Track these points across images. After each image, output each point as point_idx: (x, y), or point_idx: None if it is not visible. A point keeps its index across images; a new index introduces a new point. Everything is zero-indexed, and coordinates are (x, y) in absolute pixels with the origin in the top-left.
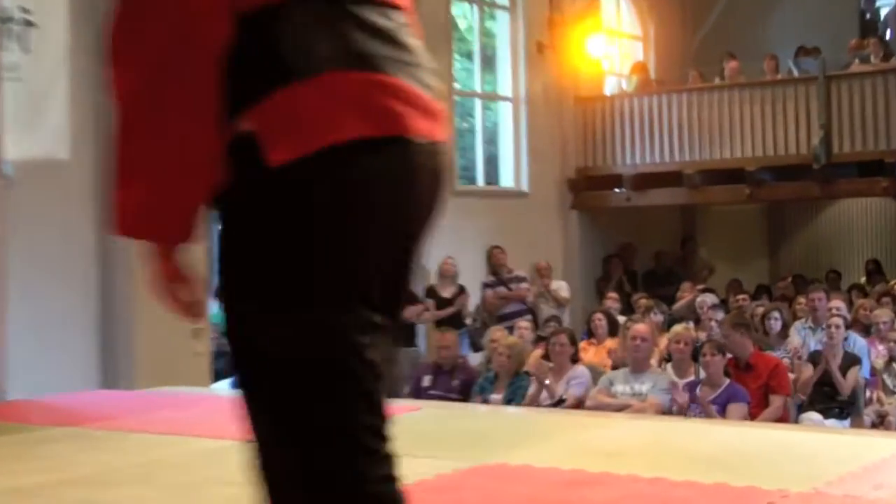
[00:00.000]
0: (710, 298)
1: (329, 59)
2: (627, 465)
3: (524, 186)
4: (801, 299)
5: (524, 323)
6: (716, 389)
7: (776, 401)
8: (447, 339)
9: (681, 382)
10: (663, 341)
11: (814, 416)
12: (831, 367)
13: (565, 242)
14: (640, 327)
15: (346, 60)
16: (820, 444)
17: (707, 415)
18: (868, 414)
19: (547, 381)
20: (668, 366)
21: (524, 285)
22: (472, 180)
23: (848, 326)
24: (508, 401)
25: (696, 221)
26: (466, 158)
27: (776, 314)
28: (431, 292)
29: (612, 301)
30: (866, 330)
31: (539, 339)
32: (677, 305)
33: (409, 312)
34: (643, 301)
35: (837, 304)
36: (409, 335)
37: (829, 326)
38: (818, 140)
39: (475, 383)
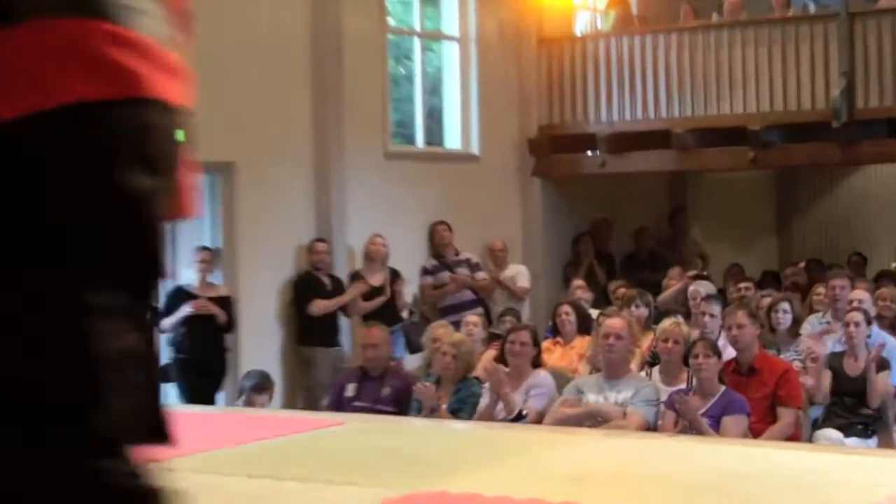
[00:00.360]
0: (704, 287)
1: (46, 1)
2: (596, 492)
3: (474, 148)
4: (820, 289)
5: (474, 317)
6: (708, 399)
7: (786, 415)
8: (374, 336)
9: (666, 390)
10: (647, 340)
11: (831, 433)
12: (869, 370)
13: (525, 218)
14: (615, 322)
15: (67, 4)
16: (838, 467)
17: (698, 430)
18: None
19: (506, 391)
20: (655, 370)
21: (481, 275)
22: (410, 140)
23: (869, 322)
24: (454, 412)
25: (688, 192)
26: (402, 112)
27: (786, 306)
28: (357, 279)
29: (582, 290)
30: (893, 326)
31: (492, 338)
32: (663, 296)
33: (318, 307)
34: (622, 290)
35: (860, 295)
36: (328, 332)
37: (847, 324)
38: (839, 92)
39: (412, 392)
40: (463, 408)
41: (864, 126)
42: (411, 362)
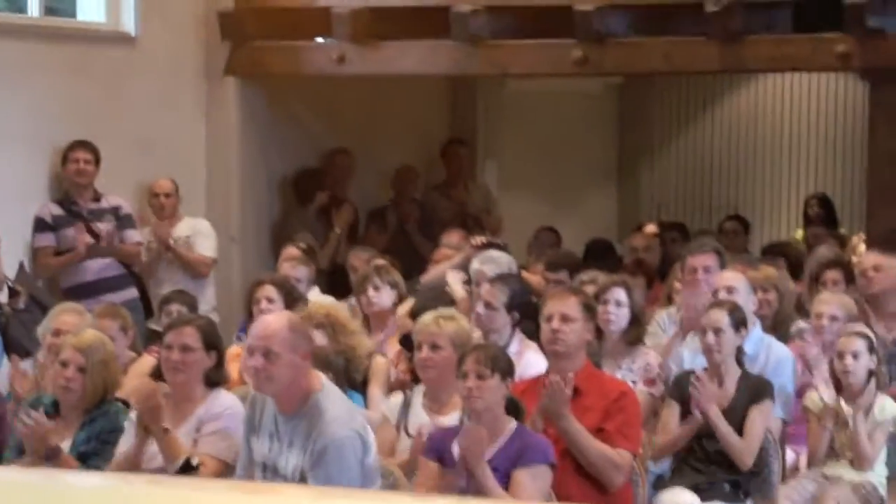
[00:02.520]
0: (493, 263)
1: None
2: None
3: (127, 24)
4: (679, 273)
5: (113, 307)
6: (492, 441)
7: (619, 460)
8: None
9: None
10: (394, 344)
11: (682, 497)
12: (710, 417)
13: (211, 142)
14: (266, 325)
15: None
16: None
17: (480, 487)
18: (790, 497)
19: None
20: (418, 393)
21: (135, 234)
22: (18, 4)
23: (740, 325)
24: (83, 458)
25: (478, 112)
26: None
27: (619, 296)
28: None
29: (292, 264)
30: (776, 327)
31: (151, 337)
32: (430, 275)
33: None
34: (378, 262)
35: (731, 280)
36: None
37: (703, 331)
38: None
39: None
40: (98, 450)
41: (756, 12)
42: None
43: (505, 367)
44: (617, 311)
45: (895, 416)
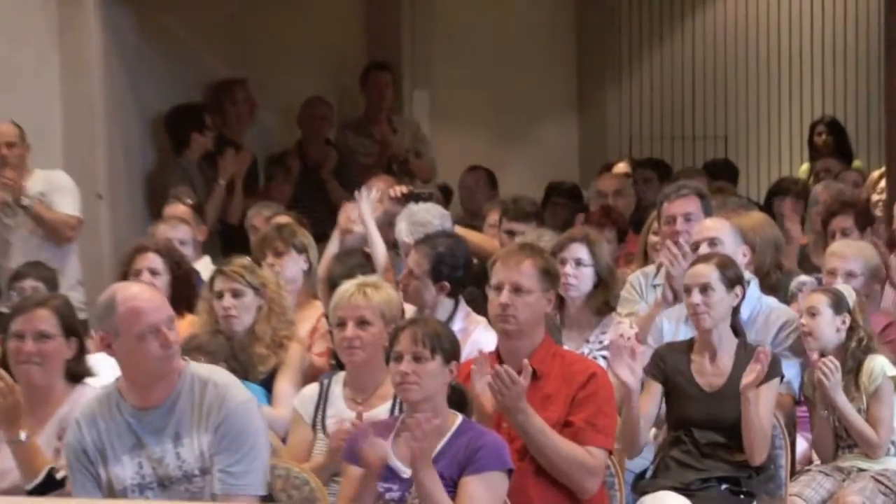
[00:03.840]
0: (423, 227)
1: None
2: None
3: None
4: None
5: None
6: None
7: (591, 460)
8: None
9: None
10: (311, 318)
11: (670, 501)
12: (746, 398)
13: (71, 78)
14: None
15: None
16: None
17: (425, 496)
18: (803, 495)
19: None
20: (339, 380)
21: None
22: None
23: (734, 281)
24: None
25: (401, 28)
26: None
27: (580, 253)
28: None
29: (173, 224)
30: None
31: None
32: (344, 237)
33: None
34: (280, 220)
35: (713, 230)
36: None
37: (687, 289)
38: None
39: None
40: None
41: None
42: None
43: (448, 348)
44: (577, 272)
45: (891, 374)
